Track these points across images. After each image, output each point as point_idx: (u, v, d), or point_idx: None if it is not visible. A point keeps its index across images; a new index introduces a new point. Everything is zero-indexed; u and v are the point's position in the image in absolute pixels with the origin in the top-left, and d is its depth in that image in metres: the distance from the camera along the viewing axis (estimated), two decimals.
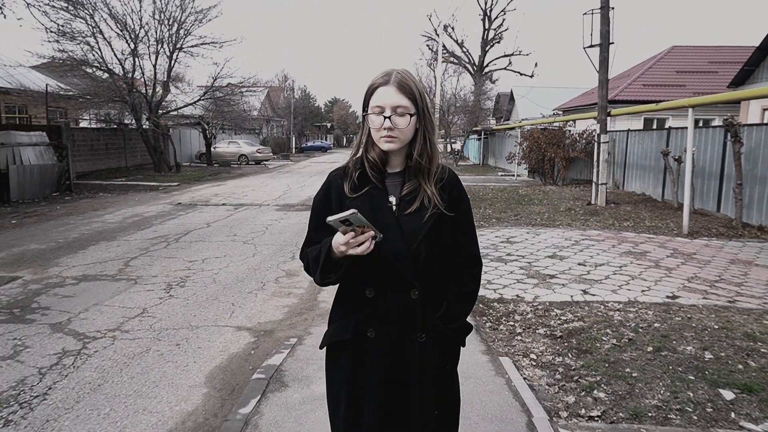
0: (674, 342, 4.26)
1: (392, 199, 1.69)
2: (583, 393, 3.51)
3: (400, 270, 1.63)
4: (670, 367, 3.81)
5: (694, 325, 4.64)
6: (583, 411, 3.28)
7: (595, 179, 13.18)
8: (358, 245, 1.52)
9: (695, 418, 3.17)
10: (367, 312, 1.68)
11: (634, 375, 3.71)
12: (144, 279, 6.24)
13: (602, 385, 3.59)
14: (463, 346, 1.81)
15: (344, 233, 1.51)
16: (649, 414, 3.22)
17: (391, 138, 1.64)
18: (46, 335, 4.47)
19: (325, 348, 1.81)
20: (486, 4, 31.97)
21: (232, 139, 34.10)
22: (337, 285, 1.78)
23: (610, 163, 16.51)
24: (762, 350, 4.06)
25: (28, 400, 3.37)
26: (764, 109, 15.58)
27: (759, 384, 3.50)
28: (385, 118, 1.62)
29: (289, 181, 20.04)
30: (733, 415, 3.19)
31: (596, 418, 3.19)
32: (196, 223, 10.24)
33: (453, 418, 1.81)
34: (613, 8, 12.78)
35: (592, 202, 13.10)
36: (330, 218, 1.49)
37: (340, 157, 41.88)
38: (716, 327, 4.57)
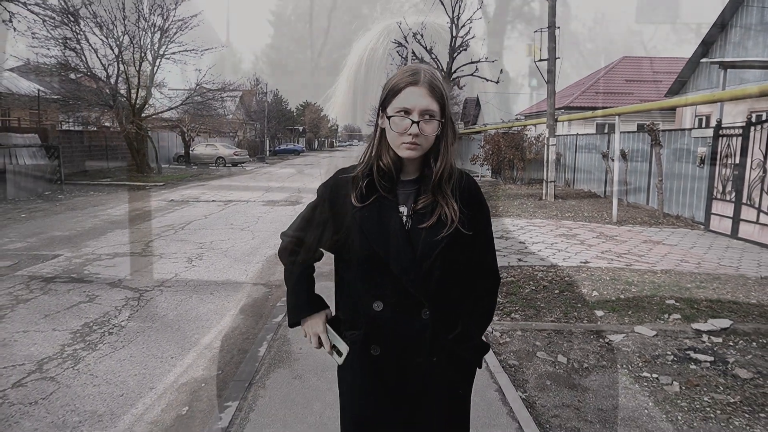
0: (575, 288, 5.91)
1: (403, 210, 1.54)
2: (504, 315, 5.10)
3: (410, 289, 1.50)
4: (567, 301, 5.44)
5: (593, 278, 6.31)
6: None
7: (545, 177, 14.97)
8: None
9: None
10: (373, 327, 1.55)
11: (541, 306, 5.33)
12: (167, 255, 7.61)
13: (518, 311, 5.19)
14: (479, 367, 1.67)
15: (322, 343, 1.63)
16: (545, 325, 4.82)
17: (414, 145, 1.49)
18: (108, 289, 5.85)
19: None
20: (453, 12, 33.80)
21: (209, 141, 35.11)
22: (337, 289, 1.71)
23: (561, 164, 18.43)
24: (632, 290, 5.75)
25: (118, 323, 4.79)
26: (695, 116, 17.72)
27: (621, 307, 5.17)
28: (413, 122, 1.47)
29: (269, 182, 21.38)
30: (599, 323, 4.82)
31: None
32: (194, 216, 11.58)
33: None
34: (558, 27, 14.59)
35: (543, 198, 14.88)
36: (335, 340, 1.62)
37: (313, 160, 43.23)
38: (608, 279, 6.26)
